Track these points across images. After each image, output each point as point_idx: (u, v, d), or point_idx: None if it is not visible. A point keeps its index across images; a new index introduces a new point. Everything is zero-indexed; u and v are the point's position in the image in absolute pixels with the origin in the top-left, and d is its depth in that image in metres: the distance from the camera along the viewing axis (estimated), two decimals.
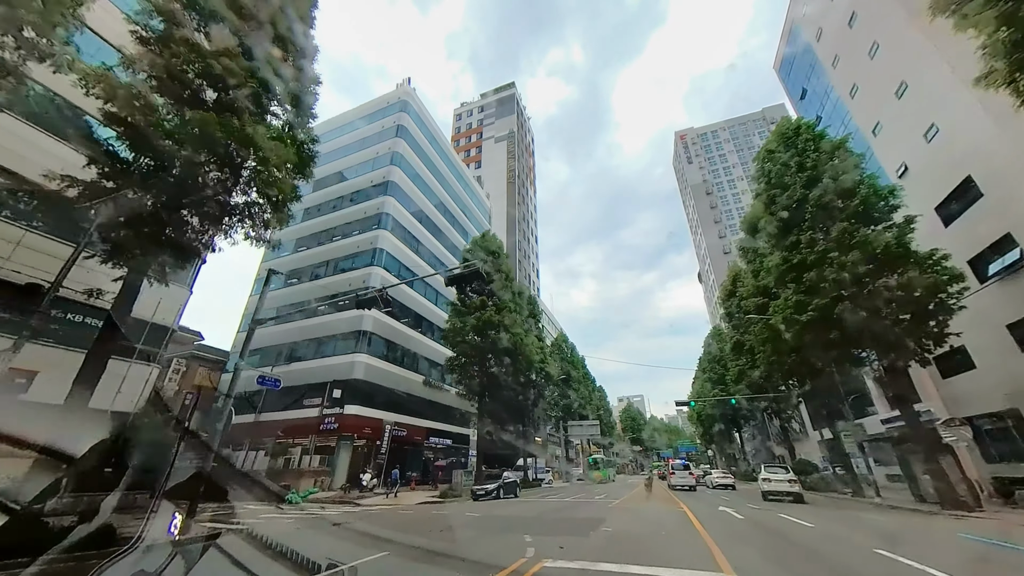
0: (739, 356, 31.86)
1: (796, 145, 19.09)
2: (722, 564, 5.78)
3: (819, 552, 6.90)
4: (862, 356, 18.54)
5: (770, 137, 20.85)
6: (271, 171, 10.47)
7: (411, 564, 6.38)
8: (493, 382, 27.36)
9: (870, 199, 16.24)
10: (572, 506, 15.96)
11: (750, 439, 56.02)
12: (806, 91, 29.19)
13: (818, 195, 16.86)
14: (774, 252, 19.26)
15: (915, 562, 5.86)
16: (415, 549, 7.21)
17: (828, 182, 16.85)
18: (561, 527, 9.87)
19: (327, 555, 2.82)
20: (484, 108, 78.78)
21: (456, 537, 8.49)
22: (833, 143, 18.12)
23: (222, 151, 9.78)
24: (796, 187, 17.83)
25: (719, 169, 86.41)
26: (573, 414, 50.93)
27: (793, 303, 16.96)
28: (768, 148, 20.34)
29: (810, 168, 17.83)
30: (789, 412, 31.97)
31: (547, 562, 5.84)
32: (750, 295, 25.47)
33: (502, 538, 8.23)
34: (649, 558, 6.14)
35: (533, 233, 75.08)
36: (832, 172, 17.13)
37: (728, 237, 78.13)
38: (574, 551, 6.66)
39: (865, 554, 6.67)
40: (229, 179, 10.51)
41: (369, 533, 9.04)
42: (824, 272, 15.82)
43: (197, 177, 9.89)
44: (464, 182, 48.31)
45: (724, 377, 45.30)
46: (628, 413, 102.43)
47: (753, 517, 11.50)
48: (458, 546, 7.56)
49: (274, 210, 11.25)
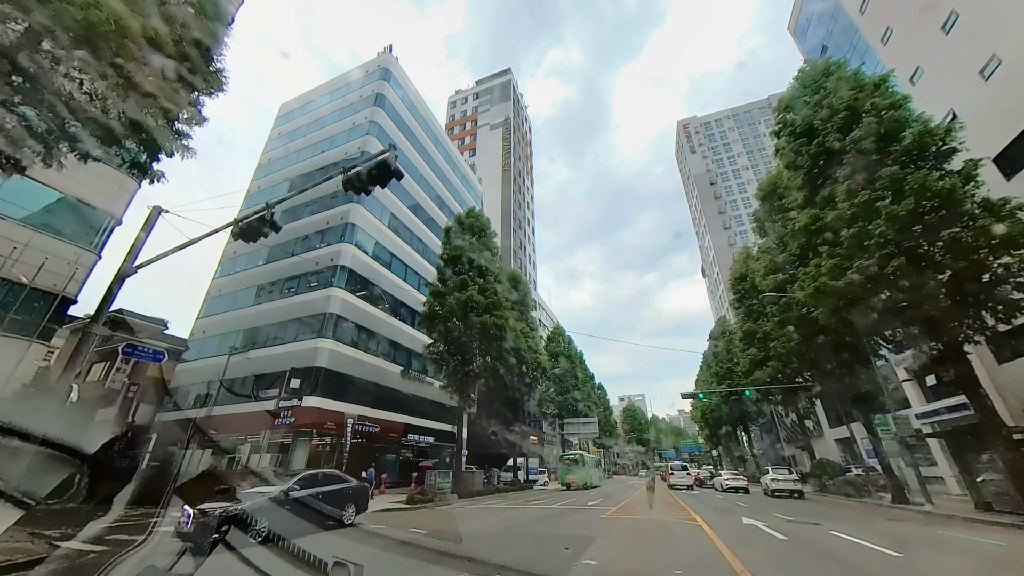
0: (750, 346, 28.98)
1: (825, 87, 16.14)
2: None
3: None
4: (898, 339, 15.64)
5: (792, 85, 17.89)
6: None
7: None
8: (477, 373, 24.39)
9: (924, 139, 13.25)
10: (556, 516, 12.96)
11: (758, 439, 52.88)
12: (826, 48, 26.15)
13: (858, 137, 13.85)
14: (800, 214, 16.25)
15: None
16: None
17: (870, 121, 13.86)
18: (527, 553, 6.88)
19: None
20: (479, 95, 75.85)
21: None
22: (873, 79, 15.15)
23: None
24: (830, 132, 14.84)
25: (723, 159, 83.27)
26: (571, 412, 47.92)
27: (827, 268, 13.94)
28: (792, 96, 17.36)
29: (845, 110, 14.84)
30: (807, 406, 28.85)
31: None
32: (767, 272, 22.43)
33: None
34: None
35: (530, 224, 72.14)
36: (874, 111, 14.16)
37: (733, 229, 75.02)
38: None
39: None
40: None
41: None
42: (869, 228, 12.82)
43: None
44: (453, 163, 45.37)
45: (731, 372, 42.28)
46: (629, 412, 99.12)
47: (798, 535, 8.47)
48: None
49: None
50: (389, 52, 35.54)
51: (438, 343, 23.28)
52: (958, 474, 19.36)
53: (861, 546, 7.19)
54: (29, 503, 2.08)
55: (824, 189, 14.85)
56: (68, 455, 2.32)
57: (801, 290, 14.98)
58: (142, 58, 8.32)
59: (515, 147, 68.39)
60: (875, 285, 12.81)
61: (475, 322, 22.81)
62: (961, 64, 16.49)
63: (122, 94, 8.31)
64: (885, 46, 20.83)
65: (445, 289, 23.60)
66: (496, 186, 61.07)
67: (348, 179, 5.95)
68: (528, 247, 67.67)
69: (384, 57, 34.85)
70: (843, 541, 7.74)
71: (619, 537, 8.64)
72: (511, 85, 74.10)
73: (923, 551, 7.29)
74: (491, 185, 60.04)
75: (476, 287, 23.28)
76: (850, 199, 13.61)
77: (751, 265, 29.23)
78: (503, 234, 53.03)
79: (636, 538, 8.51)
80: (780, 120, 17.85)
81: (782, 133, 17.60)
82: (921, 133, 13.22)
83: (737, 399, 40.29)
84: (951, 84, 17.18)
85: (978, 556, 6.97)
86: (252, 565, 2.51)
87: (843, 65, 16.26)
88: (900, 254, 12.38)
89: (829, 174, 15.01)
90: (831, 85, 15.82)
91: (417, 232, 34.71)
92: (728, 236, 74.62)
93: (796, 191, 16.07)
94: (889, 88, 14.80)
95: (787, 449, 45.76)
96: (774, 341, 23.38)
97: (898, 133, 13.81)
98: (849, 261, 13.39)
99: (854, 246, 13.32)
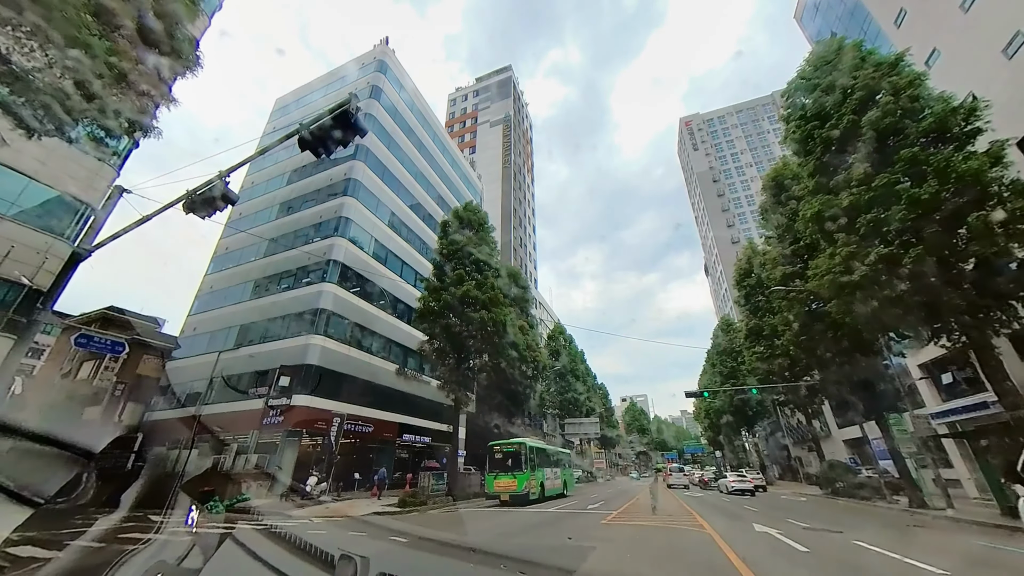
0: (755, 344, 28.12)
1: (838, 68, 15.30)
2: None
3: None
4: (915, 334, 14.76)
5: (802, 66, 17.06)
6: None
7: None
8: (475, 370, 23.62)
9: (946, 119, 12.41)
10: (552, 522, 12.16)
11: (763, 439, 51.85)
12: (834, 35, 25.22)
13: (876, 117, 13.00)
14: (811, 201, 15.40)
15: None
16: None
17: (888, 100, 13.02)
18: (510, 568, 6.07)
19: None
20: (479, 92, 75.08)
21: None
22: (888, 59, 14.30)
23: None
24: (845, 114, 13.99)
25: (727, 156, 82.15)
26: (572, 410, 47.11)
27: (842, 257, 13.09)
28: (802, 76, 16.53)
29: (861, 90, 13.99)
30: (816, 404, 27.95)
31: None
32: (774, 265, 21.57)
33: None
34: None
35: (530, 221, 71.28)
36: (891, 90, 13.32)
37: (737, 226, 73.94)
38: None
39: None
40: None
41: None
42: (888, 213, 11.97)
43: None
44: (451, 158, 44.61)
45: (735, 370, 41.35)
46: (631, 413, 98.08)
47: (820, 547, 7.63)
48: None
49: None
50: (385, 44, 34.82)
51: (434, 340, 22.55)
52: (978, 476, 18.50)
53: (897, 561, 6.34)
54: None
55: (838, 174, 14.00)
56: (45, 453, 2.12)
57: (816, 278, 14.12)
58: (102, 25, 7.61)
59: (515, 144, 67.57)
60: (894, 275, 11.97)
61: (473, 318, 22.06)
62: (981, 43, 15.62)
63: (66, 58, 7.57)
64: (898, 28, 19.94)
65: (441, 284, 22.88)
66: (496, 183, 60.30)
67: (303, 138, 5.17)
68: (528, 244, 66.82)
69: (380, 49, 34.12)
70: (874, 554, 6.90)
71: (618, 544, 7.84)
72: (511, 82, 73.29)
73: (975, 569, 6.41)
74: (491, 182, 59.28)
75: (474, 282, 22.53)
76: (866, 183, 12.77)
77: (756, 260, 28.40)
78: (503, 230, 52.22)
79: (638, 549, 7.70)
80: (789, 104, 17.02)
81: (792, 117, 16.75)
82: (943, 112, 12.39)
83: (744, 398, 39.34)
84: (970, 65, 16.30)
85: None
86: (259, 559, 2.56)
87: (859, 44, 15.43)
88: (920, 241, 11.54)
89: (843, 159, 14.17)
90: (845, 65, 15.00)
91: (414, 228, 33.98)
92: (732, 233, 73.54)
93: (808, 177, 15.20)
94: (906, 67, 13.95)
95: (794, 450, 44.75)
96: (781, 337, 22.53)
97: (917, 114, 12.98)
98: (866, 250, 12.55)
99: (871, 233, 12.49)
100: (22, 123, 7.65)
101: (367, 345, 26.36)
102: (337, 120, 5.11)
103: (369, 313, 26.88)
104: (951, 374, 18.95)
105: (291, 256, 26.12)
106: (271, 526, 6.93)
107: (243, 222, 29.56)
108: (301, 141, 5.29)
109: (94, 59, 7.83)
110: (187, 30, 9.72)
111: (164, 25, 9.28)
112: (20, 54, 7.04)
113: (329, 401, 21.86)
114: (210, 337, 25.91)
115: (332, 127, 5.15)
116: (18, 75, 7.46)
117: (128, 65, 8.56)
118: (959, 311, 11.80)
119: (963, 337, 12.55)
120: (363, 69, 33.44)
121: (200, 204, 5.82)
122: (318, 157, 5.57)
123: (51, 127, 8.46)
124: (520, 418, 33.42)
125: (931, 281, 11.49)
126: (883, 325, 14.03)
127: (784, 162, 22.68)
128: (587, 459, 57.76)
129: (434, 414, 29.39)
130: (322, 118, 5.40)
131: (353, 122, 5.06)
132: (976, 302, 11.53)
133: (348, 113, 5.04)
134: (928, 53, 18.39)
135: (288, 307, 24.33)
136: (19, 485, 1.97)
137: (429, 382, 26.01)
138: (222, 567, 2.52)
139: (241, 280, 28.03)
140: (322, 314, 23.21)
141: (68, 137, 10.72)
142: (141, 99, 8.89)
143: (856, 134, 13.56)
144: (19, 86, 7.23)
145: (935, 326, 12.84)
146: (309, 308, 23.50)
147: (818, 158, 15.11)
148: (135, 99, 9.00)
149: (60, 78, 7.77)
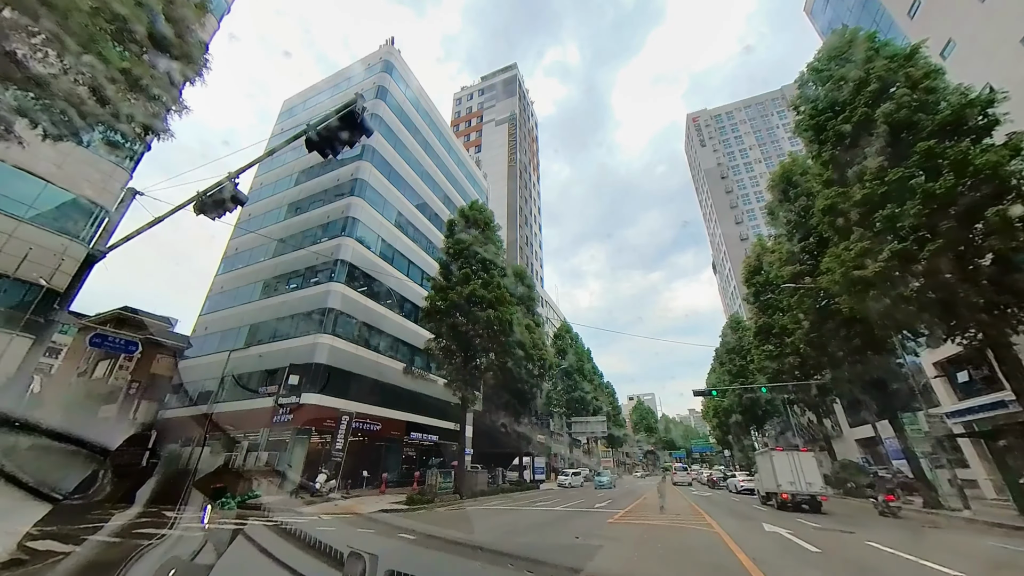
0: (765, 341, 27.76)
1: (852, 60, 15.02)
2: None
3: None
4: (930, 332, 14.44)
5: (814, 58, 16.78)
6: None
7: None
8: (482, 368, 23.68)
9: (963, 111, 12.10)
10: (559, 520, 12.16)
11: (772, 439, 51.24)
12: (846, 28, 24.74)
13: (890, 110, 12.74)
14: (823, 195, 15.15)
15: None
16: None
17: (903, 92, 12.74)
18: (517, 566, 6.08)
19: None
20: (485, 91, 74.99)
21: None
22: (904, 50, 13.98)
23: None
24: (858, 106, 13.72)
25: (735, 152, 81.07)
26: (579, 408, 46.98)
27: (855, 252, 12.86)
28: (814, 68, 16.25)
29: (875, 82, 13.71)
30: (828, 403, 27.54)
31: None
32: (783, 264, 21.25)
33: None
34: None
35: (536, 220, 71.13)
36: (907, 83, 13.04)
37: (746, 223, 72.99)
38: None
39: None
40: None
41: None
42: (903, 208, 11.73)
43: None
44: (457, 157, 44.65)
45: (744, 369, 40.88)
46: (639, 411, 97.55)
47: (832, 548, 7.53)
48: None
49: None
50: (391, 45, 34.95)
51: (441, 339, 22.65)
52: (996, 477, 18.08)
53: (913, 563, 6.22)
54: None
55: (850, 168, 13.75)
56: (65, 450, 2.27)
57: (829, 274, 13.89)
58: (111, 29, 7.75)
59: (521, 142, 67.42)
60: (908, 271, 11.74)
61: (479, 317, 22.10)
62: (999, 33, 15.21)
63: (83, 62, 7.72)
64: (912, 19, 19.49)
65: (448, 283, 22.95)
66: (502, 181, 60.25)
67: (310, 139, 5.23)
68: (534, 243, 66.72)
69: (386, 50, 34.25)
70: (888, 556, 6.78)
71: (625, 543, 7.81)
72: (516, 80, 73.12)
73: (992, 572, 6.25)
74: (497, 181, 59.24)
75: (480, 281, 22.56)
76: (880, 177, 12.52)
77: (766, 258, 28.02)
78: (509, 229, 52.18)
79: (646, 549, 7.67)
80: (799, 96, 16.74)
81: (804, 110, 16.47)
82: (960, 105, 12.08)
83: (753, 397, 38.87)
84: (987, 56, 15.88)
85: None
86: (270, 555, 2.58)
87: (872, 35, 15.12)
88: (936, 237, 11.28)
89: (856, 152, 13.91)
90: (858, 56, 14.71)
91: (421, 227, 34.10)
92: (740, 230, 72.61)
93: (820, 167, 14.96)
94: (922, 59, 13.64)
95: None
96: (791, 335, 22.21)
97: (933, 106, 12.68)
98: (879, 246, 12.32)
99: (885, 229, 12.24)
100: (41, 127, 7.83)
101: (375, 344, 26.56)
102: (343, 121, 5.18)
103: (376, 312, 27.07)
104: (967, 372, 18.54)
105: (299, 256, 26.39)
106: (281, 523, 7.02)
107: (252, 223, 29.94)
108: (308, 142, 5.36)
109: (108, 65, 8.00)
110: (197, 34, 9.84)
111: (175, 30, 9.42)
112: (37, 60, 7.20)
113: (338, 399, 22.08)
114: (221, 336, 26.32)
115: (339, 128, 5.22)
116: (37, 80, 7.64)
117: (141, 70, 8.71)
118: (976, 308, 11.54)
119: (980, 335, 12.26)
120: (369, 70, 33.62)
121: (210, 205, 5.91)
122: (325, 158, 5.63)
123: (67, 132, 8.66)
124: (527, 417, 33.43)
125: (947, 277, 11.24)
126: (897, 322, 13.75)
127: (793, 158, 22.35)
128: (594, 458, 57.61)
129: (441, 413, 29.53)
130: (329, 119, 5.48)
131: (359, 123, 5.12)
132: (994, 299, 11.27)
133: (354, 114, 5.10)
134: (943, 44, 17.95)
135: (297, 307, 24.61)
136: (39, 482, 2.03)
137: (436, 381, 26.14)
138: (234, 563, 2.55)
139: (251, 280, 28.40)
140: (330, 313, 23.44)
141: (82, 141, 10.96)
142: (153, 103, 9.03)
143: (869, 127, 13.30)
144: (37, 91, 7.39)
145: (951, 323, 12.55)
146: (317, 307, 23.74)
147: (831, 151, 14.86)
148: (147, 104, 9.16)
149: (75, 83, 7.94)
